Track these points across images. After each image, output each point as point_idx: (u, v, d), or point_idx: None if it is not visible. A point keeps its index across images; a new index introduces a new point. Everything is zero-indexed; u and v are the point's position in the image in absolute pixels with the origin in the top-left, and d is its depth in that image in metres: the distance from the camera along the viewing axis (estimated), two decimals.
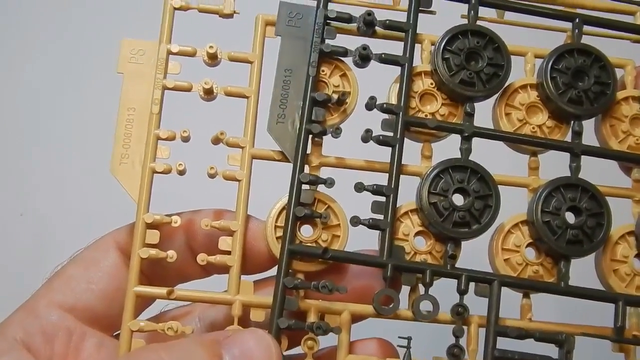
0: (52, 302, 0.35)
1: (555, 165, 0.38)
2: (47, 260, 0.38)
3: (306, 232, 0.36)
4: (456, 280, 0.35)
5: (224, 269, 0.35)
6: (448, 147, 0.38)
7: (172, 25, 0.37)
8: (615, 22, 0.39)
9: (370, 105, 0.36)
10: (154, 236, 0.35)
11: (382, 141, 0.36)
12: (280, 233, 0.35)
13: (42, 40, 0.67)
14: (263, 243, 0.36)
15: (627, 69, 0.39)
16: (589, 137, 0.38)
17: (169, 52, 0.37)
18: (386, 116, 0.37)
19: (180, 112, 0.38)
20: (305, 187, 0.36)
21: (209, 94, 0.37)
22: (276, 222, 0.36)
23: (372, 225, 0.35)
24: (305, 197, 0.35)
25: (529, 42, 0.39)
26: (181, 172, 0.36)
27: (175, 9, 0.37)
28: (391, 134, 0.36)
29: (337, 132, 0.36)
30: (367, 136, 0.36)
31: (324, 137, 0.36)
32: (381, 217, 0.35)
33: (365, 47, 0.36)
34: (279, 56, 0.37)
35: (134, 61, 0.37)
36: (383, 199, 0.35)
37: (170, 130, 0.36)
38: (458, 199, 0.36)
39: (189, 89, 0.37)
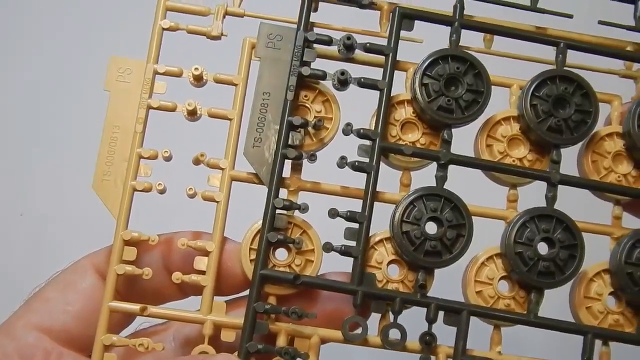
0: (29, 323, 0.36)
1: (537, 199, 0.38)
2: (47, 260, 0.39)
3: (281, 255, 0.37)
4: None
5: (198, 289, 0.36)
6: (431, 176, 0.38)
7: (159, 45, 0.38)
8: (602, 48, 0.39)
9: (347, 131, 0.36)
10: (131, 253, 0.36)
11: (357, 167, 0.36)
12: (254, 255, 0.36)
13: (41, 38, 0.69)
14: (238, 265, 0.37)
15: (614, 105, 0.39)
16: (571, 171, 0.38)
17: (155, 72, 0.38)
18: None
19: (166, 131, 0.39)
20: (281, 211, 0.36)
21: (192, 115, 0.37)
22: (251, 244, 0.37)
23: (344, 252, 0.36)
24: (279, 222, 0.36)
25: (515, 74, 0.39)
26: (161, 192, 0.37)
27: (164, 29, 0.38)
28: (367, 160, 0.36)
29: (312, 158, 0.36)
30: (342, 163, 0.36)
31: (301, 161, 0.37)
32: (354, 243, 0.36)
33: (343, 72, 0.37)
34: (257, 79, 0.37)
35: (121, 79, 0.38)
36: (356, 225, 0.36)
37: (153, 149, 0.37)
38: (431, 228, 0.36)
39: (173, 109, 0.38)
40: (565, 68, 0.38)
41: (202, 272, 0.37)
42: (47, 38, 0.69)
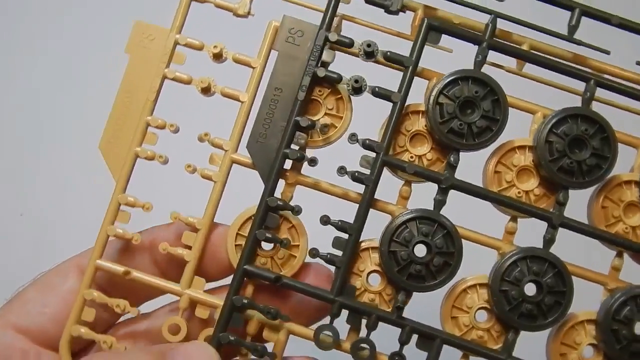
0: (7, 323, 0.37)
1: (539, 231, 0.37)
2: (47, 260, 0.40)
3: (266, 245, 0.38)
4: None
5: (181, 264, 0.37)
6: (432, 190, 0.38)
7: (185, 15, 0.38)
8: (634, 90, 0.37)
9: (352, 141, 0.36)
10: (124, 216, 0.38)
11: (356, 178, 0.36)
12: (240, 241, 0.37)
13: (40, 41, 0.69)
14: (224, 249, 0.38)
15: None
16: (580, 211, 0.38)
17: (177, 43, 0.38)
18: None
19: (179, 104, 0.40)
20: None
21: (205, 92, 0.38)
22: (239, 230, 0.37)
23: (329, 260, 0.36)
24: (270, 221, 0.36)
25: (546, 98, 0.38)
26: (163, 162, 0.38)
27: (192, 0, 0.38)
28: (368, 171, 0.36)
29: (312, 163, 0.36)
30: (341, 172, 0.36)
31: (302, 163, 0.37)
32: (340, 253, 0.36)
33: (357, 80, 0.36)
34: (272, 73, 0.37)
35: (143, 45, 0.38)
36: (346, 235, 0.36)
37: (162, 119, 0.38)
38: (420, 250, 0.36)
39: (187, 82, 0.38)
40: (591, 107, 0.36)
41: (189, 247, 0.38)
42: (48, 36, 0.69)
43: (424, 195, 0.38)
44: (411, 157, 0.37)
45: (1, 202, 0.65)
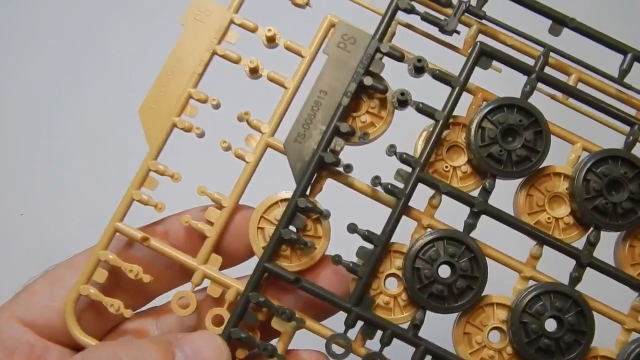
0: (13, 316, 0.37)
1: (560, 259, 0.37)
2: (47, 260, 0.40)
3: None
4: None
5: (201, 239, 0.38)
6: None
7: None
8: None
9: (390, 153, 0.37)
10: (152, 183, 0.38)
11: (389, 191, 0.37)
12: (264, 224, 0.38)
13: (41, 41, 0.70)
14: (246, 233, 0.38)
15: None
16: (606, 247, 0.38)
17: (232, 21, 0.39)
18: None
19: (223, 83, 0.40)
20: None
21: (253, 73, 0.39)
22: (264, 213, 0.38)
23: (352, 269, 0.36)
24: (297, 221, 0.37)
25: (585, 129, 0.39)
26: (199, 135, 0.39)
27: None
28: (401, 185, 0.37)
29: (347, 169, 0.37)
30: (375, 182, 0.36)
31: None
32: (363, 263, 0.36)
33: (403, 93, 0.37)
34: (319, 75, 0.38)
35: (199, 19, 0.39)
36: (371, 245, 0.37)
37: (204, 93, 0.38)
38: (444, 271, 0.36)
39: (236, 62, 0.39)
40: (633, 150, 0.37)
41: (211, 223, 0.38)
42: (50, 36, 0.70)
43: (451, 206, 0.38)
44: (446, 167, 0.38)
45: (1, 202, 0.65)
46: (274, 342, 0.37)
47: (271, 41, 0.38)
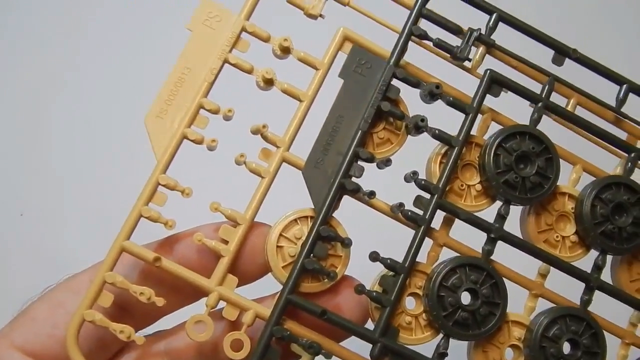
0: (13, 344, 0.36)
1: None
2: (47, 260, 0.38)
3: None
4: None
5: (215, 259, 0.37)
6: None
7: (256, 3, 0.38)
8: None
9: (409, 179, 0.37)
10: (161, 199, 0.36)
11: (410, 217, 0.37)
12: (282, 243, 0.37)
13: (43, 42, 0.70)
14: (262, 251, 0.37)
15: None
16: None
17: (244, 29, 0.38)
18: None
19: (234, 93, 0.39)
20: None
21: (267, 84, 0.38)
22: (282, 231, 0.37)
23: (375, 298, 0.36)
24: (319, 251, 0.36)
25: (580, 146, 0.41)
26: (211, 148, 0.37)
27: None
28: (421, 212, 0.37)
29: (371, 195, 0.37)
30: (397, 209, 0.37)
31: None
32: (387, 292, 0.36)
33: (423, 119, 0.37)
34: (336, 99, 0.38)
35: (207, 24, 0.38)
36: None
37: (216, 104, 0.37)
38: (465, 298, 0.37)
39: (249, 71, 0.38)
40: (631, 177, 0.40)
41: (225, 242, 0.37)
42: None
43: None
44: (461, 185, 0.39)
45: (1, 202, 0.64)
46: None
47: (285, 52, 0.38)
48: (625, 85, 0.40)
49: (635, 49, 0.75)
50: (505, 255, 0.39)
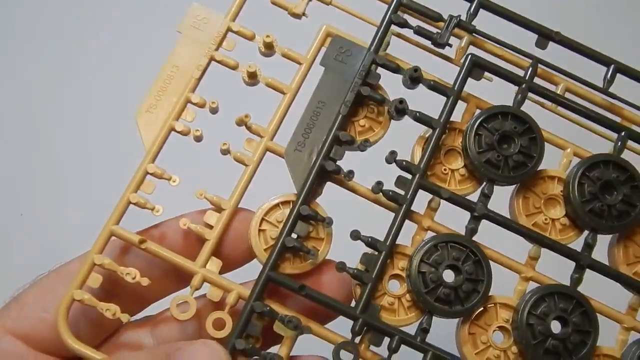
0: (4, 328, 0.37)
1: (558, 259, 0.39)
2: (47, 260, 0.40)
3: None
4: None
5: (200, 244, 0.38)
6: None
7: (242, 4, 0.41)
8: None
9: (390, 160, 0.38)
10: (149, 186, 0.39)
11: (390, 197, 0.38)
12: (264, 227, 0.39)
13: (40, 42, 0.72)
14: (245, 236, 0.39)
15: None
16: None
17: (229, 29, 0.41)
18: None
19: (221, 89, 0.41)
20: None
21: (252, 78, 0.40)
22: (265, 215, 0.39)
23: (356, 276, 0.37)
24: (300, 229, 0.37)
25: (573, 134, 0.41)
26: (197, 138, 0.39)
27: None
28: (402, 192, 0.38)
29: (349, 175, 0.38)
30: (377, 188, 0.38)
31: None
32: (368, 270, 0.37)
33: (401, 101, 0.39)
34: (317, 86, 0.40)
35: (196, 26, 0.41)
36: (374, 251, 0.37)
37: (202, 97, 0.40)
38: (449, 275, 0.37)
39: (234, 67, 0.40)
40: (622, 155, 0.39)
41: (210, 227, 0.38)
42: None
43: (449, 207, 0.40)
44: (444, 169, 0.39)
45: (1, 202, 0.66)
46: (276, 347, 0.37)
47: (269, 48, 0.40)
48: (612, 66, 0.40)
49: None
50: (494, 240, 0.39)
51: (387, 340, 0.37)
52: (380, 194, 0.38)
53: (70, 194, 0.66)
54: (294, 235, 0.37)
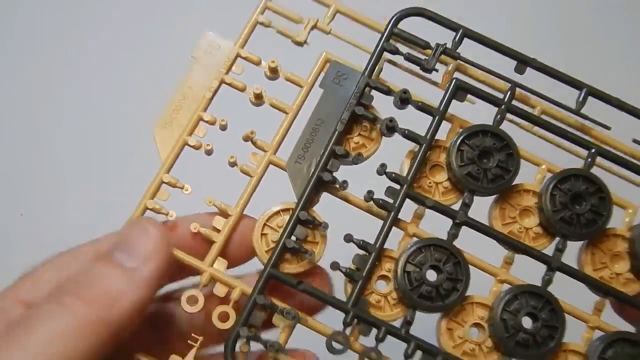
0: (17, 299, 0.40)
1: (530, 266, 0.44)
2: None
3: None
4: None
5: (208, 244, 0.44)
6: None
7: (250, 34, 0.46)
8: (630, 163, 0.44)
9: (380, 171, 0.43)
10: (164, 194, 0.44)
11: (380, 205, 0.43)
12: (266, 231, 0.44)
13: (44, 43, 0.75)
14: (249, 239, 0.44)
15: (629, 212, 0.45)
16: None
17: (238, 55, 0.46)
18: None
19: (232, 110, 0.46)
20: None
21: (258, 99, 0.46)
22: (266, 221, 0.44)
23: (348, 274, 0.42)
24: (299, 232, 0.42)
25: (547, 153, 0.46)
26: (208, 152, 0.45)
27: (258, 22, 0.46)
28: (391, 201, 0.43)
29: (344, 185, 0.43)
30: (368, 197, 0.42)
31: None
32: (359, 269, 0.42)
33: (392, 120, 0.44)
34: (316, 105, 0.45)
35: (209, 52, 0.46)
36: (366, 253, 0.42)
37: (213, 116, 0.45)
38: (431, 275, 0.42)
39: (242, 89, 0.46)
40: (592, 170, 0.44)
41: (217, 230, 0.44)
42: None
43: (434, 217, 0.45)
44: (429, 183, 0.44)
45: (1, 202, 0.67)
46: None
47: (274, 72, 0.45)
48: (584, 89, 0.45)
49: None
50: (473, 246, 0.44)
51: (374, 332, 0.42)
52: (372, 202, 0.43)
53: (70, 194, 0.67)
54: (293, 239, 0.42)
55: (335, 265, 0.42)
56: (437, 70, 0.45)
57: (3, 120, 0.72)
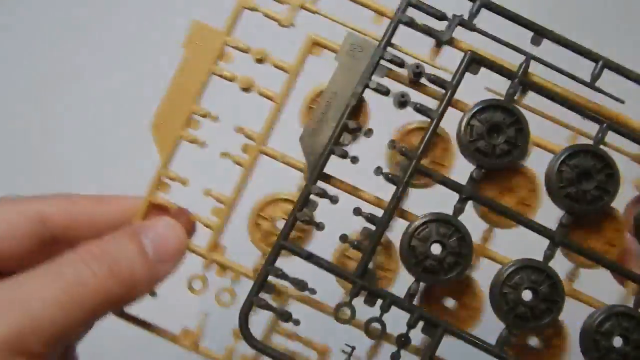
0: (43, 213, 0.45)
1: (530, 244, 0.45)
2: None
3: None
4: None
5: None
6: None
7: (236, 20, 0.46)
8: None
9: (391, 146, 0.44)
10: (164, 187, 0.47)
11: (389, 179, 0.44)
12: (259, 221, 0.47)
13: (45, 43, 0.75)
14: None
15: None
16: None
17: (225, 43, 0.47)
18: None
19: (225, 102, 0.48)
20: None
21: (246, 88, 0.47)
22: (260, 211, 0.47)
23: (356, 246, 0.44)
24: (311, 206, 0.44)
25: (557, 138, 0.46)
26: (202, 146, 0.47)
27: (244, 7, 0.46)
28: (399, 175, 0.44)
29: (354, 160, 0.44)
30: (377, 172, 0.44)
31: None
32: (367, 241, 0.44)
33: (404, 95, 0.44)
34: (330, 79, 0.46)
35: (197, 42, 0.46)
36: (373, 227, 0.44)
37: (205, 109, 0.47)
38: (436, 249, 0.44)
39: (231, 79, 0.47)
40: (601, 146, 0.44)
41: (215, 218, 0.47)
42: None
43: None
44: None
45: None
46: None
47: (261, 61, 0.46)
48: (600, 62, 0.45)
49: None
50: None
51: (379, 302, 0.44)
52: (381, 176, 0.44)
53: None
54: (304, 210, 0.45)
55: (344, 238, 0.44)
56: (452, 45, 0.45)
57: (3, 120, 0.73)
